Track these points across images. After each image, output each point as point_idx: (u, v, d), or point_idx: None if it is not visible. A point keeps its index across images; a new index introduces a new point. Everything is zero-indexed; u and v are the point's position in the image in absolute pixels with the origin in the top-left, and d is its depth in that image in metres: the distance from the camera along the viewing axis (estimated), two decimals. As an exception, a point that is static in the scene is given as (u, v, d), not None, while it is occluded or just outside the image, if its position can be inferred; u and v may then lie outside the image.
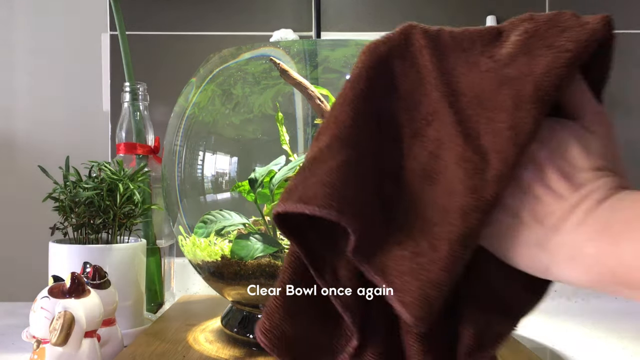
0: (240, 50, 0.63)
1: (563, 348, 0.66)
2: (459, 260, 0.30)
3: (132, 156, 0.77)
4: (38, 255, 0.69)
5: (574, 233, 0.30)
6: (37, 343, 0.48)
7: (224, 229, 0.57)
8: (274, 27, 0.99)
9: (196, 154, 0.61)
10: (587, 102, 0.33)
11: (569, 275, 0.30)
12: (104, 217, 0.63)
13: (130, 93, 0.77)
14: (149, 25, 1.01)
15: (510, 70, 0.32)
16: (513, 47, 0.33)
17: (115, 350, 0.55)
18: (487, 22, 1.02)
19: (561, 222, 0.30)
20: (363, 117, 0.33)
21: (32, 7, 1.03)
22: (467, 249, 0.30)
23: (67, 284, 0.49)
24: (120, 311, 0.57)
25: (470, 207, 0.30)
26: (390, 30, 0.36)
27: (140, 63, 0.95)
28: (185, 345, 0.56)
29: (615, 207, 0.29)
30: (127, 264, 0.63)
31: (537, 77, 0.31)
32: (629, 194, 0.30)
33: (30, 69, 1.03)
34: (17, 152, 1.02)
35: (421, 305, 0.29)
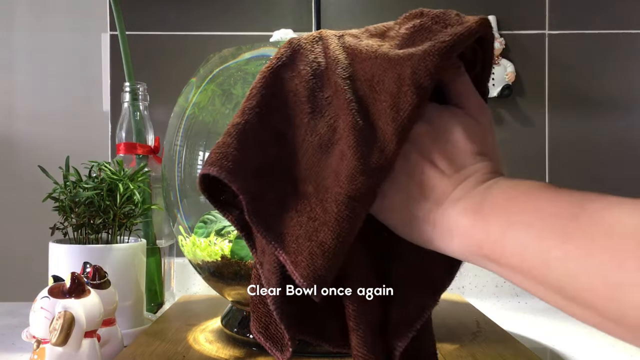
0: (240, 50, 0.63)
1: (563, 348, 0.66)
2: (345, 222, 0.32)
3: (132, 156, 0.77)
4: (38, 255, 0.69)
5: (452, 208, 0.33)
6: (37, 343, 0.48)
7: (224, 228, 0.57)
8: (274, 27, 0.99)
9: (196, 154, 0.61)
10: (470, 94, 0.37)
11: (446, 246, 0.33)
12: (104, 217, 0.63)
13: (130, 93, 0.77)
14: (149, 25, 1.01)
15: (394, 56, 0.35)
16: (401, 39, 0.37)
17: (115, 350, 0.55)
18: (487, 22, 1.02)
19: (443, 198, 0.33)
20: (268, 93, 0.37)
21: (32, 7, 1.03)
22: (353, 211, 0.32)
23: (67, 284, 0.49)
24: (120, 311, 0.57)
25: (357, 170, 0.33)
26: None
27: (140, 63, 0.95)
28: (185, 345, 0.56)
29: (490, 189, 0.32)
30: (127, 264, 0.63)
31: (414, 63, 0.34)
32: (503, 180, 0.33)
33: (30, 69, 1.03)
34: (17, 152, 1.02)
35: (309, 264, 0.32)
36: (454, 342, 0.57)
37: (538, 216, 0.29)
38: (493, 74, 1.02)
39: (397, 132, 0.33)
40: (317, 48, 0.39)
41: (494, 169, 0.34)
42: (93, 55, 1.02)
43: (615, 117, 1.02)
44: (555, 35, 1.03)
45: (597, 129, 1.02)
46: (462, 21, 0.36)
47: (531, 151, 1.02)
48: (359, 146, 0.33)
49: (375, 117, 0.34)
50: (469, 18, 0.36)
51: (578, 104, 1.03)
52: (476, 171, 0.34)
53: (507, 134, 1.02)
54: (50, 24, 1.03)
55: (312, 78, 0.38)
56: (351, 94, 0.35)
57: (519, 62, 1.02)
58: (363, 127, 0.34)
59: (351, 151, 0.33)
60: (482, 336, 0.59)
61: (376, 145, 0.34)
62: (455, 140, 0.35)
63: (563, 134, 1.02)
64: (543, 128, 1.02)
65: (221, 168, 0.34)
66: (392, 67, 0.35)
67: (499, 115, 1.02)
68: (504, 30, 1.03)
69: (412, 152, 0.35)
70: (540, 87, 1.03)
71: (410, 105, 0.33)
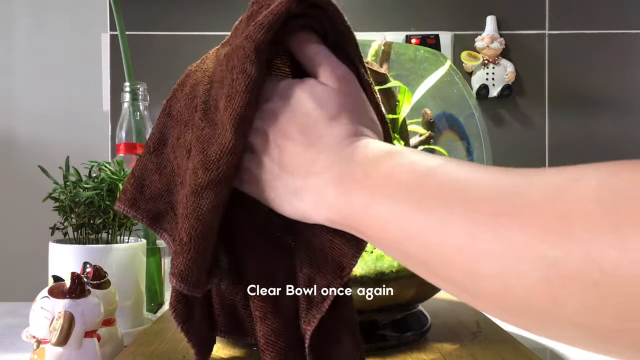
0: (240, 50, 0.63)
1: (563, 348, 0.65)
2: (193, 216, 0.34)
3: (132, 156, 0.77)
4: (38, 255, 0.69)
5: (317, 180, 0.33)
6: (37, 343, 0.48)
7: (224, 229, 0.57)
8: (274, 27, 0.99)
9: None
10: (322, 57, 0.36)
11: (318, 218, 0.33)
12: (104, 217, 0.63)
13: (130, 93, 0.77)
14: (149, 25, 1.01)
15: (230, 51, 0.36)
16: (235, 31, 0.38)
17: (115, 350, 0.55)
18: (487, 22, 1.02)
19: (306, 172, 0.33)
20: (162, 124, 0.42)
21: (32, 7, 1.03)
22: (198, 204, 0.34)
23: (67, 284, 0.49)
24: (120, 311, 0.57)
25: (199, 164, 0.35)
26: (389, 30, 0.37)
27: (140, 63, 0.95)
28: (186, 345, 0.56)
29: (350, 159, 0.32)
30: (127, 264, 0.63)
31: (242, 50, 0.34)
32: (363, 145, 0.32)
33: (30, 69, 1.03)
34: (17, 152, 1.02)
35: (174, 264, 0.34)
36: (454, 342, 0.57)
37: (398, 188, 0.28)
38: (493, 74, 1.02)
39: (232, 120, 0.33)
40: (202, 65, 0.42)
41: (353, 131, 0.33)
42: (93, 55, 1.02)
43: (615, 117, 1.02)
44: (555, 35, 1.03)
45: (597, 128, 1.02)
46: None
47: (531, 151, 1.02)
48: (199, 143, 0.35)
49: (217, 113, 0.36)
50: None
51: (578, 104, 1.03)
52: (334, 138, 0.33)
53: (507, 134, 1.02)
54: (50, 24, 1.03)
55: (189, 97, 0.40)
56: (204, 98, 0.37)
57: (519, 62, 1.02)
58: (204, 125, 0.36)
59: (194, 150, 0.36)
60: (482, 336, 0.59)
61: (216, 138, 0.35)
62: (306, 110, 0.34)
63: (563, 134, 1.02)
64: (543, 128, 1.02)
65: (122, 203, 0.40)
66: (228, 61, 0.35)
67: (499, 115, 1.02)
68: (504, 30, 1.03)
69: (267, 130, 0.35)
70: (540, 87, 1.03)
71: (240, 92, 0.33)
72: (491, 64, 1.02)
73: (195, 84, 0.40)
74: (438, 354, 0.53)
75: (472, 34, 1.03)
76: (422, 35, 1.00)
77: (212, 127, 0.36)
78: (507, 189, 0.24)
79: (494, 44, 1.01)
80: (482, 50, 1.02)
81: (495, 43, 1.01)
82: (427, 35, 1.00)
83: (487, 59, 1.02)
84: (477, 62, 1.01)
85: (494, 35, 1.01)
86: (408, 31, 1.02)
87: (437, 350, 0.54)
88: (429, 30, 1.02)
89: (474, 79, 1.03)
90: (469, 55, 1.02)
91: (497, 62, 1.02)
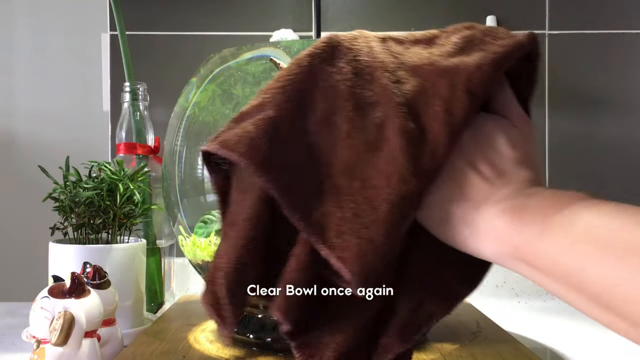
0: (241, 50, 0.63)
1: (563, 348, 0.66)
2: (396, 221, 0.33)
3: (132, 156, 0.77)
4: (38, 255, 0.69)
5: (490, 209, 0.33)
6: (37, 343, 0.48)
7: (224, 229, 0.57)
8: (274, 27, 0.99)
9: (196, 154, 0.61)
10: (514, 106, 0.38)
11: (480, 247, 0.34)
12: (104, 217, 0.63)
13: (130, 93, 0.77)
14: (149, 25, 1.01)
15: (448, 64, 0.36)
16: (452, 47, 0.38)
17: (115, 350, 0.55)
18: (487, 22, 1.02)
19: (483, 200, 0.34)
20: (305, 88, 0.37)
21: (32, 7, 1.03)
22: (403, 210, 0.33)
23: (67, 284, 0.49)
24: (120, 311, 0.57)
25: (408, 172, 0.33)
26: (389, 30, 0.37)
27: (140, 63, 0.95)
28: (186, 345, 0.56)
29: (530, 195, 0.33)
30: (127, 264, 0.63)
31: (469, 71, 0.35)
32: (543, 189, 0.34)
33: (30, 69, 1.03)
34: (17, 152, 1.02)
35: (359, 261, 0.32)
36: (454, 342, 0.57)
37: (577, 222, 0.29)
38: (493, 74, 1.02)
39: (448, 135, 0.34)
40: (357, 46, 0.39)
41: (535, 178, 0.35)
42: (93, 55, 1.02)
43: (615, 117, 1.02)
44: (555, 35, 1.03)
45: (597, 128, 1.02)
46: (511, 35, 0.38)
47: (531, 151, 1.02)
48: (409, 148, 0.34)
49: (425, 121, 0.35)
50: (518, 33, 0.38)
51: (578, 104, 1.03)
52: (517, 179, 0.35)
53: (507, 134, 1.02)
54: (50, 24, 1.03)
55: (353, 76, 0.37)
56: (400, 97, 0.36)
57: (519, 62, 1.02)
58: (413, 129, 0.35)
59: (402, 153, 0.34)
60: (482, 336, 0.59)
61: (427, 147, 0.34)
62: (499, 147, 0.36)
63: (563, 134, 1.02)
64: (543, 128, 1.02)
65: (251, 159, 0.33)
66: (445, 74, 0.36)
67: (499, 115, 1.02)
68: (504, 30, 1.03)
69: (456, 155, 0.35)
70: (540, 87, 1.03)
71: (463, 111, 0.34)
72: (491, 64, 1.02)
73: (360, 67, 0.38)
74: (438, 354, 0.53)
75: (472, 34, 1.03)
76: (422, 35, 1.00)
77: (422, 134, 0.35)
78: None
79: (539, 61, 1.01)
80: (482, 50, 1.02)
81: (496, 43, 1.01)
82: (427, 35, 1.00)
83: (487, 59, 1.02)
84: (477, 62, 1.02)
85: (494, 35, 1.01)
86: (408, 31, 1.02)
87: (437, 350, 0.54)
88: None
89: (474, 79, 1.03)
90: (469, 55, 1.02)
91: (497, 62, 1.02)
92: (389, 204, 0.33)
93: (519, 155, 0.36)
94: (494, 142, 0.36)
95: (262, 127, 0.34)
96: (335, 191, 0.34)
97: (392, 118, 0.35)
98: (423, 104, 0.36)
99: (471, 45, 0.38)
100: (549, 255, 0.30)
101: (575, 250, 0.28)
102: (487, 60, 0.35)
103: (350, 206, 0.34)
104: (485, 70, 0.35)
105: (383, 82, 0.37)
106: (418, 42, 0.41)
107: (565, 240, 0.29)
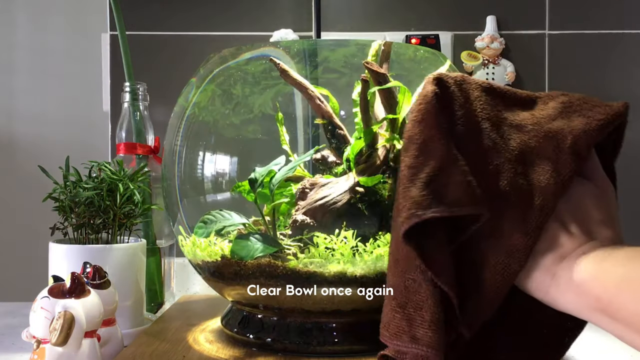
0: (240, 50, 0.63)
1: (563, 348, 0.65)
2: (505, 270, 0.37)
3: (132, 156, 0.77)
4: (38, 255, 0.69)
5: (574, 262, 0.36)
6: (37, 343, 0.48)
7: (224, 229, 0.57)
8: (274, 27, 0.99)
9: (196, 154, 0.61)
10: (598, 170, 0.41)
11: (562, 299, 0.36)
12: (104, 217, 0.63)
13: (130, 93, 0.77)
14: (149, 25, 1.01)
15: (552, 127, 0.40)
16: (553, 111, 0.41)
17: (115, 350, 0.55)
18: (487, 22, 1.02)
19: (567, 253, 0.37)
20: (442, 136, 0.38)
21: (32, 7, 1.03)
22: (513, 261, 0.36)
23: (67, 284, 0.49)
24: (120, 311, 0.57)
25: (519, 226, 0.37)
26: (389, 30, 0.37)
27: (140, 63, 0.95)
28: (185, 345, 0.56)
29: (612, 252, 0.35)
30: (127, 264, 0.63)
31: (575, 134, 0.38)
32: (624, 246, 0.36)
33: (30, 69, 1.03)
34: (17, 152, 1.02)
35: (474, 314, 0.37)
36: (454, 342, 0.57)
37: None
38: (493, 74, 1.02)
39: (555, 194, 0.37)
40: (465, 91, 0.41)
41: (617, 238, 0.38)
42: (93, 55, 1.02)
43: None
44: (555, 35, 1.03)
45: (597, 129, 1.02)
46: (607, 104, 0.40)
47: (531, 151, 1.02)
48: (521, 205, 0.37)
49: (532, 179, 0.38)
50: (611, 103, 0.40)
51: (578, 104, 1.03)
52: (601, 237, 0.37)
53: (507, 134, 1.02)
54: (50, 24, 1.03)
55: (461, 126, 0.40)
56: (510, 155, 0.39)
57: (519, 62, 1.02)
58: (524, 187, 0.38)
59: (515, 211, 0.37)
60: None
61: (535, 205, 0.37)
62: (585, 208, 0.39)
63: (563, 134, 1.02)
64: (543, 128, 1.02)
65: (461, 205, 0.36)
66: (551, 137, 0.39)
67: (499, 115, 1.02)
68: (504, 30, 1.03)
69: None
70: (540, 87, 1.03)
71: (570, 171, 0.38)
72: (491, 64, 1.02)
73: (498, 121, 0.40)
74: (438, 354, 0.53)
75: (472, 34, 1.03)
76: (422, 35, 1.00)
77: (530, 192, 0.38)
78: None
79: (494, 44, 1.01)
80: (482, 50, 1.02)
81: (495, 43, 1.01)
82: (427, 35, 1.00)
83: (487, 59, 1.02)
84: (477, 62, 1.01)
85: (494, 35, 1.01)
86: (408, 31, 1.02)
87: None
88: (429, 30, 1.02)
89: (474, 79, 1.03)
90: (469, 55, 1.02)
91: (497, 62, 1.02)
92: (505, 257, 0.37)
93: (602, 217, 0.38)
94: (582, 203, 0.39)
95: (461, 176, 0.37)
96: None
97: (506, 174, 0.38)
98: (529, 164, 0.39)
99: (570, 111, 0.40)
100: (629, 308, 0.31)
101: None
102: (592, 126, 0.39)
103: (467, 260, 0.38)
104: (590, 134, 0.38)
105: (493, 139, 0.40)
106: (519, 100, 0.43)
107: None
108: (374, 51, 0.58)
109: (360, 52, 0.59)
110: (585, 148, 0.38)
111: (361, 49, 0.60)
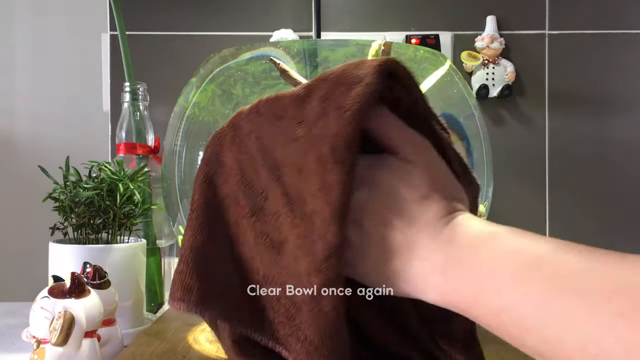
0: (240, 50, 0.63)
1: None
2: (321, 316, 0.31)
3: (132, 156, 0.77)
4: (38, 255, 0.69)
5: (420, 267, 0.32)
6: (37, 343, 0.48)
7: (224, 229, 0.57)
8: (274, 27, 0.99)
9: (196, 154, 0.61)
10: (400, 135, 0.34)
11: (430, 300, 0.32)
12: (104, 217, 0.63)
13: (130, 93, 0.77)
14: (149, 25, 1.01)
15: (312, 135, 0.33)
16: (313, 112, 0.34)
17: (115, 350, 0.55)
18: (487, 22, 1.02)
19: (409, 257, 0.32)
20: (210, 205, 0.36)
21: (32, 7, 1.03)
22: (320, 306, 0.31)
23: (67, 284, 0.49)
24: (120, 311, 0.57)
25: (311, 269, 0.32)
26: (389, 30, 0.37)
27: (140, 63, 0.95)
28: (185, 345, 0.56)
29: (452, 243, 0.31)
30: (127, 264, 0.63)
31: (331, 139, 0.32)
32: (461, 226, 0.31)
33: (30, 69, 1.03)
34: (17, 152, 1.02)
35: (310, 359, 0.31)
36: (454, 342, 0.57)
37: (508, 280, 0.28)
38: (493, 74, 1.02)
39: (333, 214, 0.31)
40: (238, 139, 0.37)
41: (447, 208, 0.33)
42: (93, 55, 1.02)
43: (615, 117, 1.02)
44: (555, 35, 1.03)
45: (597, 128, 1.02)
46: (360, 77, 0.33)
47: (531, 151, 1.02)
48: (304, 244, 0.32)
49: (309, 204, 0.32)
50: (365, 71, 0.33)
51: (578, 104, 1.03)
52: (431, 218, 0.32)
53: (507, 134, 1.02)
54: (50, 24, 1.03)
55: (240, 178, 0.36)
56: (282, 186, 0.34)
57: (519, 62, 1.02)
58: (300, 222, 0.33)
59: (300, 251, 0.32)
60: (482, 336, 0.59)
61: (317, 234, 0.32)
62: (397, 193, 0.33)
63: (563, 134, 1.02)
64: (543, 128, 1.02)
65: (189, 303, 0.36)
66: (311, 148, 0.33)
67: (499, 115, 1.02)
68: (504, 30, 1.03)
69: (362, 219, 0.33)
70: (540, 87, 1.03)
71: (339, 183, 0.31)
72: (491, 64, 1.02)
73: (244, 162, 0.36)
74: (438, 354, 0.53)
75: (472, 34, 1.03)
76: (422, 35, 1.00)
77: (307, 223, 0.32)
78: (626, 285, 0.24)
79: (494, 44, 1.01)
80: (482, 50, 1.02)
81: (495, 43, 1.01)
82: (427, 35, 1.00)
83: (487, 59, 1.02)
84: (477, 62, 1.01)
85: (494, 35, 1.01)
86: (408, 31, 1.02)
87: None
88: (429, 30, 1.02)
89: (474, 79, 1.03)
90: (469, 55, 1.02)
91: (497, 62, 1.02)
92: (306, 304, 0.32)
93: (421, 192, 0.33)
94: (390, 189, 0.33)
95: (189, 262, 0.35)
96: (268, 298, 0.34)
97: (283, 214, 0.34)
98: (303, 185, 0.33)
99: (329, 105, 0.33)
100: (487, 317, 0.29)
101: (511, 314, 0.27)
102: (343, 122, 0.32)
103: (281, 310, 0.34)
104: (345, 133, 0.31)
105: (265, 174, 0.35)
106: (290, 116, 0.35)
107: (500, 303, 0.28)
108: (374, 51, 0.58)
109: (360, 52, 0.59)
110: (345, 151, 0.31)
111: (361, 49, 0.60)
